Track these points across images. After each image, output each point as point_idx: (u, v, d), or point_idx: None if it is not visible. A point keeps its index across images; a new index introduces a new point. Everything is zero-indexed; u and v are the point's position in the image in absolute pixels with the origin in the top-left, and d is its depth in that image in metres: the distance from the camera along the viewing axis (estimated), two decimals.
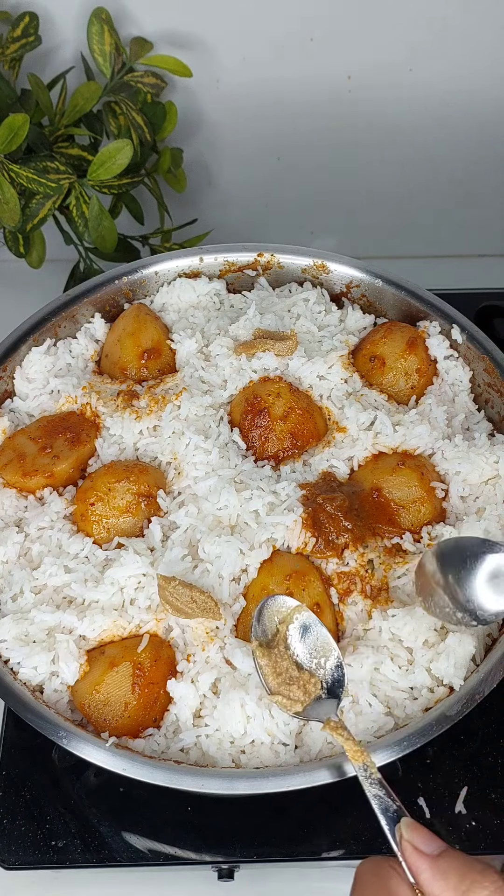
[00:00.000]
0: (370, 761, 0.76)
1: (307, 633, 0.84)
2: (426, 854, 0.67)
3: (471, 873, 0.64)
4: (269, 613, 0.84)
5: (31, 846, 0.95)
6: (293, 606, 0.85)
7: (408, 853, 0.68)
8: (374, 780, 0.75)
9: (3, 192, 1.15)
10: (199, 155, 1.47)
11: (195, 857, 0.95)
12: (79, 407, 1.08)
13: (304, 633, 0.84)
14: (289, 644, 0.83)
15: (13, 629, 0.90)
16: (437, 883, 0.65)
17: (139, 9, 1.30)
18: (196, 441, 1.02)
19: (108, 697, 0.86)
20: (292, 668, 0.82)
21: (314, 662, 0.83)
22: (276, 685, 0.82)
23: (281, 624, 0.84)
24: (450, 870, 0.65)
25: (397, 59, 1.35)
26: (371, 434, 1.03)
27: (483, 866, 0.65)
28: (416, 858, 0.67)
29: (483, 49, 1.34)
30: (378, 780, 0.75)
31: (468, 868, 0.65)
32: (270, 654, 0.83)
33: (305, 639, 0.84)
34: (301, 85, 1.38)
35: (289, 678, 0.82)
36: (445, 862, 0.66)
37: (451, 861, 0.66)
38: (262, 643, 0.83)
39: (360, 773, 0.75)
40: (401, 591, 0.94)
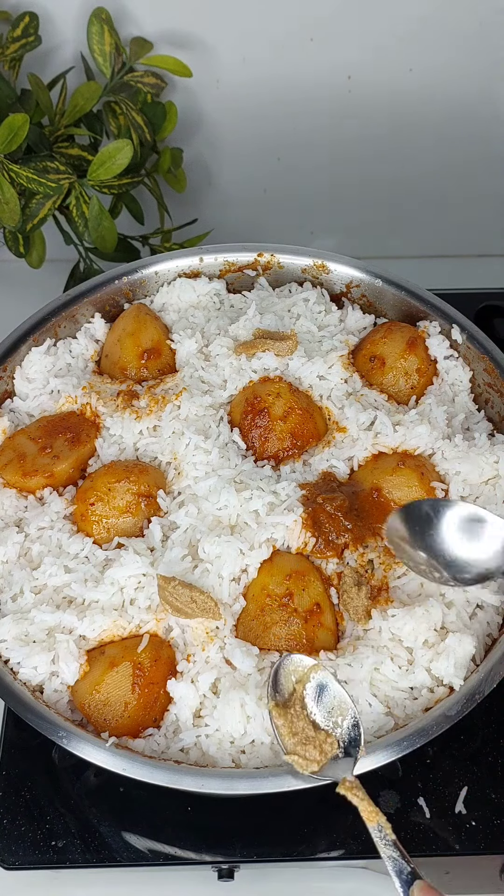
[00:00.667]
0: (385, 822, 0.75)
1: (324, 692, 0.83)
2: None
3: None
4: (285, 672, 0.84)
5: (31, 846, 0.95)
6: (309, 666, 0.84)
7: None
8: (389, 842, 0.74)
9: (3, 192, 1.15)
10: (199, 155, 1.47)
11: (195, 857, 0.95)
12: (79, 407, 1.08)
13: (321, 692, 0.83)
14: (305, 704, 0.82)
15: (13, 629, 0.90)
16: None
17: (139, 9, 1.30)
18: (196, 441, 1.02)
19: (108, 697, 0.86)
20: (308, 728, 0.81)
21: (331, 721, 0.82)
22: (292, 745, 0.80)
23: (297, 683, 0.83)
24: None
25: (397, 59, 1.35)
26: (371, 434, 1.03)
27: None
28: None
29: (483, 49, 1.34)
30: (393, 841, 0.74)
31: None
32: (286, 714, 0.82)
33: (322, 698, 0.83)
34: (301, 85, 1.38)
35: (305, 738, 0.81)
36: None
37: None
38: (278, 703, 0.82)
39: (375, 834, 0.75)
40: (401, 591, 0.94)
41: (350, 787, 0.77)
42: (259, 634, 0.90)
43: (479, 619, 0.92)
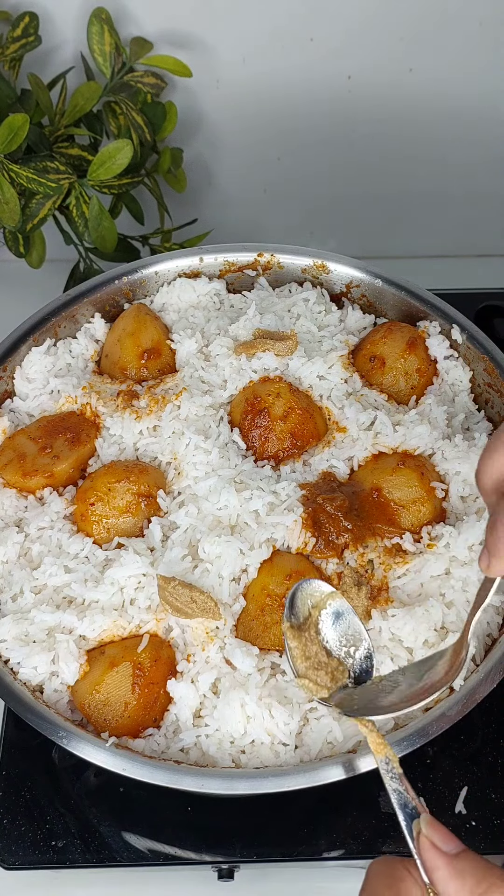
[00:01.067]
0: (392, 754, 0.75)
1: (339, 620, 0.83)
2: (444, 852, 0.65)
3: (489, 877, 0.62)
4: (302, 597, 0.84)
5: (31, 846, 0.95)
6: (327, 592, 0.84)
7: (424, 850, 0.66)
8: (395, 775, 0.73)
9: (3, 192, 1.15)
10: (199, 155, 1.47)
11: (195, 857, 0.95)
12: (79, 407, 1.08)
13: (337, 619, 0.84)
14: (320, 629, 0.83)
15: (13, 629, 0.90)
16: (453, 882, 0.63)
17: (139, 9, 1.30)
18: (196, 441, 1.02)
19: (108, 697, 0.86)
20: (321, 654, 0.82)
21: (344, 651, 0.82)
22: (303, 668, 0.81)
23: (314, 608, 0.84)
24: (467, 870, 0.63)
25: (397, 59, 1.35)
26: (371, 434, 1.03)
27: (501, 872, 0.63)
28: (433, 856, 0.65)
29: (483, 49, 1.34)
30: (399, 774, 0.73)
31: (487, 872, 0.63)
32: (301, 637, 0.82)
33: (337, 626, 0.83)
34: (301, 85, 1.38)
35: (317, 663, 0.81)
36: (463, 862, 0.64)
37: (469, 862, 0.64)
38: (293, 625, 0.83)
39: (382, 767, 0.74)
40: (401, 591, 0.94)
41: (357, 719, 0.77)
42: (259, 634, 0.90)
43: (479, 620, 0.92)
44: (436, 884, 0.64)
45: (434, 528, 0.97)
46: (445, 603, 0.92)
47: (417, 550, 0.95)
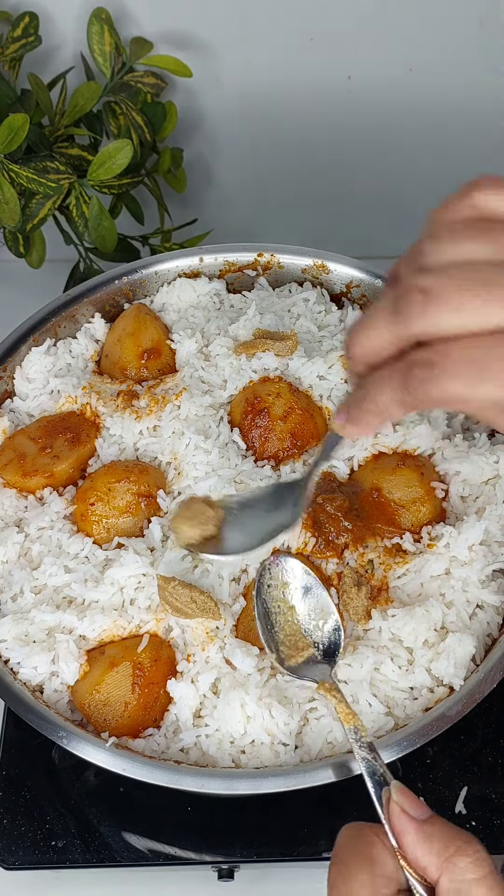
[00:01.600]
0: (361, 724, 0.78)
1: (308, 594, 0.87)
2: (413, 818, 0.67)
3: (456, 841, 0.64)
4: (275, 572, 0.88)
5: (31, 846, 0.95)
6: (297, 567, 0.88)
7: (394, 815, 0.68)
8: (364, 744, 0.76)
9: (3, 192, 1.15)
10: (199, 155, 1.47)
11: (195, 857, 0.95)
12: (79, 407, 1.08)
13: (305, 594, 0.87)
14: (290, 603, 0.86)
15: (13, 629, 0.90)
16: (422, 846, 0.65)
17: (139, 9, 1.30)
18: (196, 441, 1.02)
19: (108, 697, 0.86)
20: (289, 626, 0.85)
21: (312, 624, 0.85)
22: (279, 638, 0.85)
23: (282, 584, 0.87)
24: (435, 835, 0.65)
25: (397, 59, 1.35)
26: (371, 434, 1.03)
27: (468, 836, 0.65)
28: (403, 821, 0.67)
29: (483, 49, 1.34)
30: (368, 743, 0.76)
31: (454, 835, 0.65)
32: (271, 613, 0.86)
33: (305, 599, 0.86)
34: (301, 85, 1.38)
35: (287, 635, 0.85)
36: (431, 827, 0.66)
37: (437, 827, 0.66)
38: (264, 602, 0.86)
39: (351, 736, 0.77)
40: (401, 591, 0.94)
41: (329, 688, 0.81)
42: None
43: (479, 619, 0.92)
44: (404, 848, 0.66)
45: (434, 528, 0.97)
46: (445, 603, 0.92)
47: (417, 550, 0.95)
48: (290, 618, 0.86)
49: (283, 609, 0.86)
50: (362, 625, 0.91)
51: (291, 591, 0.87)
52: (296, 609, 0.86)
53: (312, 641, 0.85)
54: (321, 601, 0.86)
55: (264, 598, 0.86)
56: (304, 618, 0.86)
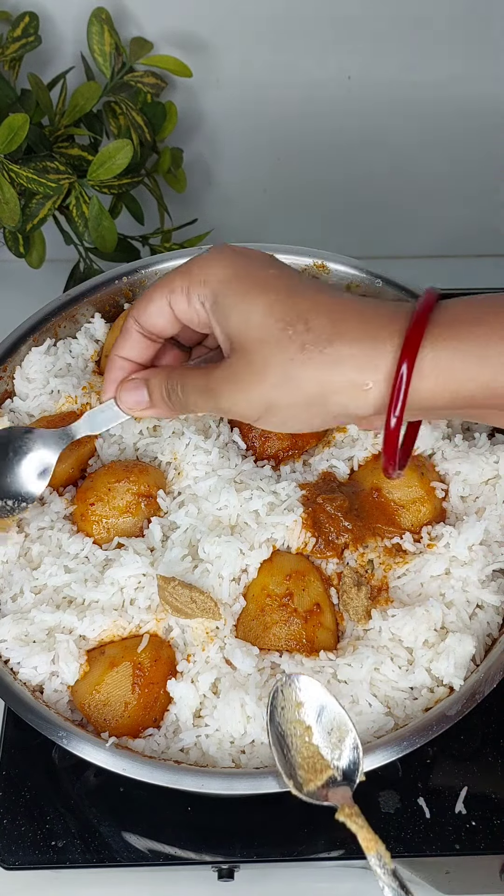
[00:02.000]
0: (384, 850, 0.74)
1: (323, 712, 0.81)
2: None
3: None
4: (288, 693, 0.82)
5: (31, 846, 0.95)
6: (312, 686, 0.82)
7: None
8: (388, 871, 0.73)
9: (3, 192, 1.15)
10: (199, 155, 1.47)
11: (195, 857, 0.95)
12: (79, 407, 1.08)
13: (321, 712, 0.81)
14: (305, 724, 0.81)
15: (13, 629, 0.90)
16: None
17: (139, 9, 1.30)
18: (196, 441, 1.02)
19: (108, 697, 0.86)
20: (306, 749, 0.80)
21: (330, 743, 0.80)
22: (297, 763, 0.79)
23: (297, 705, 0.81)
24: None
25: (397, 59, 1.35)
26: (371, 434, 1.03)
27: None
28: None
29: (483, 49, 1.34)
30: (392, 870, 0.73)
31: None
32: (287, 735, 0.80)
33: (321, 718, 0.81)
34: (301, 85, 1.38)
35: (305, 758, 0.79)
36: None
37: None
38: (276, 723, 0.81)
39: (374, 863, 0.73)
40: (401, 591, 0.94)
41: (349, 813, 0.76)
42: (259, 634, 0.90)
43: (479, 619, 0.92)
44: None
45: (434, 528, 0.97)
46: (445, 603, 0.92)
47: (417, 550, 0.95)
48: (308, 739, 0.80)
49: (299, 731, 0.81)
50: (362, 625, 0.91)
51: (306, 710, 0.81)
52: (312, 729, 0.80)
53: (331, 762, 0.79)
54: (338, 718, 0.80)
55: (278, 723, 0.80)
56: (322, 738, 0.80)
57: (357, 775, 0.79)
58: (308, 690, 0.81)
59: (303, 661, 0.88)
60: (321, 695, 0.81)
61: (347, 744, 0.80)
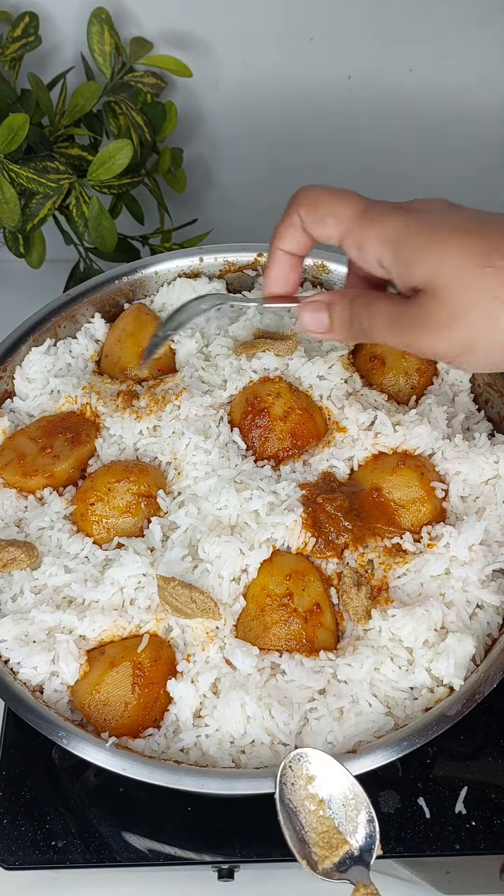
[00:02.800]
0: None
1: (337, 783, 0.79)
2: None
3: None
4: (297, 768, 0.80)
5: (31, 846, 0.95)
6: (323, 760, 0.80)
7: None
8: None
9: (3, 192, 1.15)
10: (199, 155, 1.47)
11: (195, 857, 0.95)
12: (79, 407, 1.08)
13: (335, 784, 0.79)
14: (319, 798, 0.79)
15: (13, 629, 0.90)
16: None
17: (139, 9, 1.30)
18: (196, 441, 1.02)
19: (108, 697, 0.86)
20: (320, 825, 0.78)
21: (345, 816, 0.78)
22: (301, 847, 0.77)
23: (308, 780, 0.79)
24: None
25: (397, 59, 1.35)
26: (371, 434, 1.03)
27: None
28: None
29: (483, 49, 1.34)
30: None
31: None
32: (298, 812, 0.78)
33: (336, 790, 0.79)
34: (301, 85, 1.38)
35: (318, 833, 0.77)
36: None
37: None
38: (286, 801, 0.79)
39: None
40: (401, 591, 0.94)
41: (366, 893, 0.73)
42: (259, 634, 0.90)
43: (479, 619, 0.92)
44: None
45: (434, 528, 0.97)
46: (445, 603, 0.92)
47: (417, 550, 0.95)
48: (322, 813, 0.78)
49: (312, 805, 0.78)
50: (362, 625, 0.91)
51: (318, 783, 0.78)
52: (326, 803, 0.78)
53: (346, 835, 0.77)
54: (353, 790, 0.78)
55: (288, 800, 0.78)
56: (338, 810, 0.77)
57: (374, 851, 0.76)
58: (319, 763, 0.79)
59: (303, 661, 0.88)
60: (333, 766, 0.79)
61: (363, 817, 0.77)
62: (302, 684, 0.87)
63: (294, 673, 0.87)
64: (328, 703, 0.86)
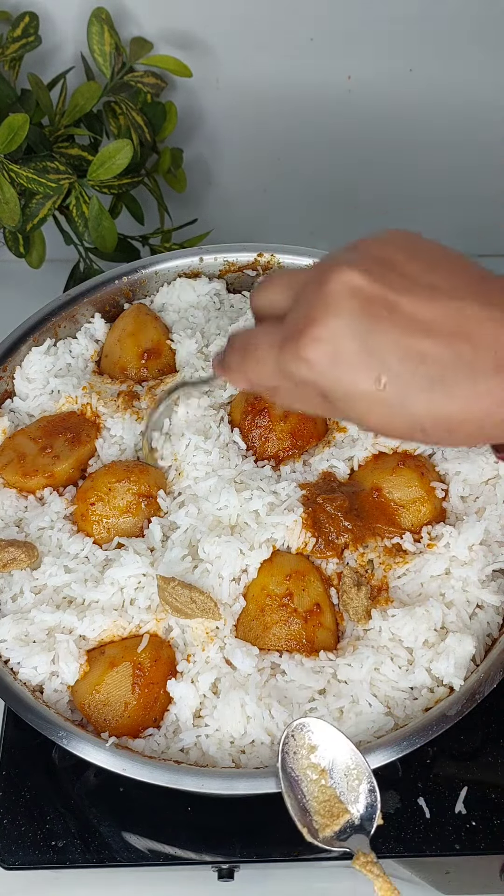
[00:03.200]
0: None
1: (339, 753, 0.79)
2: None
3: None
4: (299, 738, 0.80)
5: (31, 846, 0.95)
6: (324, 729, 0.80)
7: None
8: None
9: (3, 192, 1.15)
10: (199, 155, 1.47)
11: (195, 857, 0.95)
12: (79, 407, 1.08)
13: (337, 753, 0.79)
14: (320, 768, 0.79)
15: (13, 629, 0.90)
16: None
17: (139, 9, 1.30)
18: (196, 441, 1.02)
19: (108, 697, 0.86)
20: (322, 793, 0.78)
21: (346, 785, 0.78)
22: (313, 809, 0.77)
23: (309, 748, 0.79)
24: None
25: (397, 59, 1.35)
26: (371, 434, 1.03)
27: None
28: None
29: (483, 49, 1.34)
30: None
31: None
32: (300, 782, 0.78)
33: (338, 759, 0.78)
34: (301, 85, 1.38)
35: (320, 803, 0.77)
36: None
37: None
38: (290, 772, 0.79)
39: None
40: (401, 591, 0.94)
41: (365, 861, 0.74)
42: (259, 634, 0.90)
43: (479, 619, 0.92)
44: None
45: (434, 528, 0.97)
46: (445, 603, 0.92)
47: (417, 550, 0.95)
48: (324, 782, 0.78)
49: (314, 775, 0.78)
50: (362, 625, 0.91)
51: (321, 753, 0.78)
52: (328, 772, 0.78)
53: (348, 805, 0.77)
54: (354, 760, 0.78)
55: (290, 769, 0.78)
56: (339, 780, 0.78)
57: (374, 820, 0.76)
58: (321, 733, 0.79)
59: (303, 661, 0.88)
60: (335, 736, 0.79)
61: (364, 787, 0.77)
62: (302, 684, 0.87)
63: (294, 673, 0.87)
64: (328, 703, 0.86)
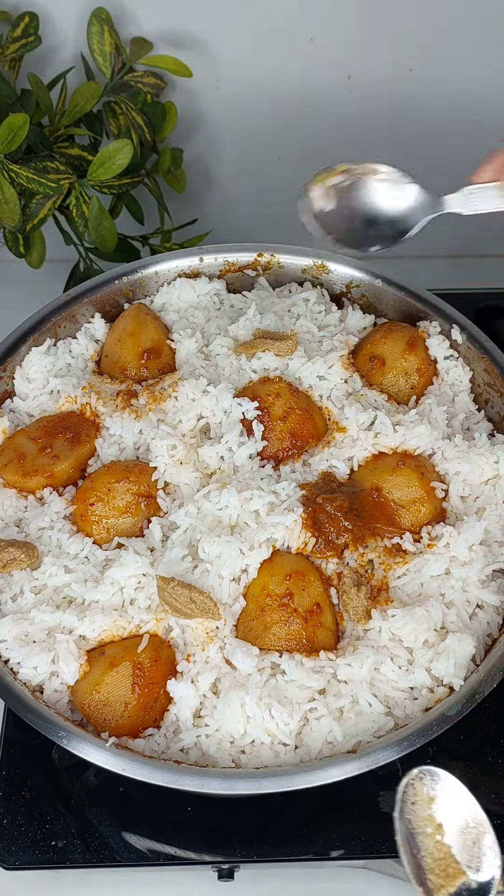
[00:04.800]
0: None
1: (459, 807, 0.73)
2: None
3: None
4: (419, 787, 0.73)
5: (31, 846, 0.95)
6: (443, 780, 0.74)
7: None
8: None
9: (3, 192, 1.15)
10: (199, 155, 1.47)
11: (195, 857, 0.95)
12: (79, 407, 1.08)
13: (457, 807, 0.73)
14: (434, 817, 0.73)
15: (13, 629, 0.90)
16: None
17: (139, 9, 1.30)
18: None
19: (108, 697, 0.86)
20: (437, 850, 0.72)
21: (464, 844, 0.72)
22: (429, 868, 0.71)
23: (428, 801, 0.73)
24: None
25: (397, 59, 1.36)
26: (371, 434, 1.03)
27: None
28: None
29: (483, 49, 1.34)
30: None
31: None
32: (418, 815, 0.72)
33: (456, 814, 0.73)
34: (301, 85, 1.38)
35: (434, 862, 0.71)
36: None
37: None
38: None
39: None
40: (401, 591, 0.94)
41: None
42: (259, 634, 0.90)
43: (479, 619, 0.92)
44: None
45: (434, 528, 0.97)
46: (445, 603, 0.92)
47: (417, 550, 0.95)
48: (440, 837, 0.71)
49: (430, 828, 0.71)
50: (362, 625, 0.91)
51: (438, 805, 0.72)
52: (444, 828, 0.72)
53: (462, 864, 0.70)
54: (475, 815, 0.72)
55: (408, 818, 0.71)
56: (455, 837, 0.71)
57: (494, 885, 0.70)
58: (444, 784, 0.73)
59: (303, 661, 0.88)
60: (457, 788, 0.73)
61: (486, 845, 0.71)
62: (302, 684, 0.87)
63: (294, 673, 0.87)
64: (328, 702, 0.86)
